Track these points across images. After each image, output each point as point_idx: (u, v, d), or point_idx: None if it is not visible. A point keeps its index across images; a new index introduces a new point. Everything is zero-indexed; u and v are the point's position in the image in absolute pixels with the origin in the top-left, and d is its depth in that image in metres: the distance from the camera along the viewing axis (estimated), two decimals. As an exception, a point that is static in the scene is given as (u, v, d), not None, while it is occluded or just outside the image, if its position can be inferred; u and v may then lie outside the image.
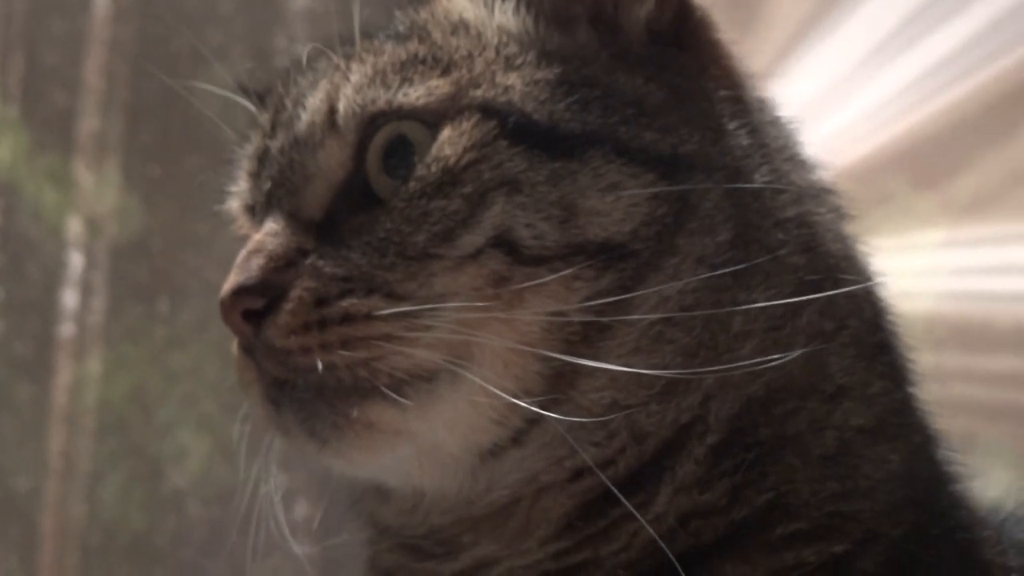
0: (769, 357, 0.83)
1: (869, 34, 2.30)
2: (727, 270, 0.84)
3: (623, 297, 0.81)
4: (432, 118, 0.86)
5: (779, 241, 0.87)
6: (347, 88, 0.88)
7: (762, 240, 0.87)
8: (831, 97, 2.33)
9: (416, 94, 0.86)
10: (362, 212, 0.85)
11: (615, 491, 0.81)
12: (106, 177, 3.27)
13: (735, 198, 0.86)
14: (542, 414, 0.81)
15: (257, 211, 0.91)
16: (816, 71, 2.44)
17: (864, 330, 0.90)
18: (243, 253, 0.85)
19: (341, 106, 0.88)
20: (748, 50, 1.00)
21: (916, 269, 2.03)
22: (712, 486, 0.84)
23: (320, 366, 0.79)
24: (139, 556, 3.10)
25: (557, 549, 0.86)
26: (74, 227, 3.23)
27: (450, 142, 0.84)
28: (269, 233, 0.86)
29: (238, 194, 0.98)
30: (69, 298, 3.20)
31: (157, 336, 3.20)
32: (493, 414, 0.83)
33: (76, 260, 3.22)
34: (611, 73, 0.88)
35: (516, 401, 0.81)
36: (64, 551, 3.08)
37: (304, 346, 0.81)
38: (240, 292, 0.83)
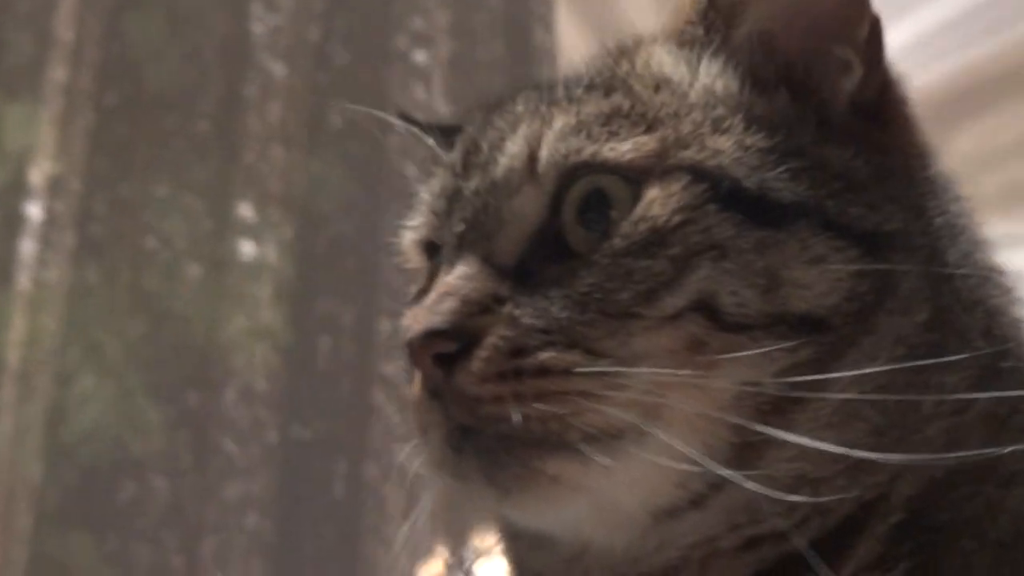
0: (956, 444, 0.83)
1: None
2: (921, 357, 0.83)
3: (820, 375, 0.80)
4: (635, 175, 0.85)
5: (966, 325, 0.87)
6: (549, 136, 0.87)
7: (954, 324, 0.86)
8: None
9: (623, 149, 0.85)
10: (557, 263, 0.85)
11: (805, 552, 0.80)
12: (71, 131, 3.24)
13: (931, 280, 0.86)
14: (727, 480, 0.79)
15: (445, 252, 0.90)
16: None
17: None
18: (434, 295, 0.84)
19: (543, 154, 0.87)
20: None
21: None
22: (891, 568, 0.83)
23: (516, 418, 0.79)
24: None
25: None
26: (36, 178, 3.19)
27: (659, 202, 0.83)
28: (463, 277, 0.84)
29: (415, 228, 0.97)
30: (27, 248, 3.17)
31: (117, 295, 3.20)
32: (676, 476, 0.81)
33: (35, 213, 3.19)
34: (819, 145, 0.87)
35: (701, 466, 0.79)
36: (13, 513, 3.06)
37: (497, 395, 0.80)
38: (432, 335, 0.81)
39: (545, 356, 0.80)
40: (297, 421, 3.24)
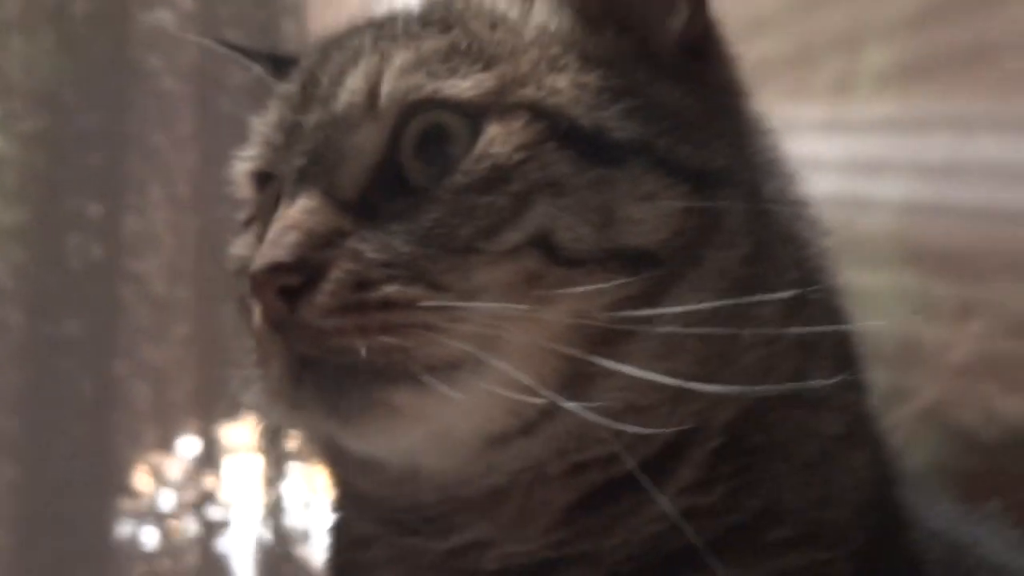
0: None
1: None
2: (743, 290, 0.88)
3: (649, 309, 0.84)
4: (475, 111, 0.87)
5: (782, 257, 0.92)
6: (389, 72, 0.89)
7: (772, 257, 0.91)
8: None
9: (464, 86, 0.87)
10: (397, 198, 0.87)
11: (639, 476, 0.84)
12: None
13: (752, 214, 0.91)
14: (557, 408, 0.83)
15: (285, 186, 0.91)
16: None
17: (835, 342, 0.95)
18: (275, 228, 0.86)
19: (384, 89, 0.88)
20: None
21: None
22: (711, 489, 0.88)
23: (364, 351, 0.81)
24: None
25: (556, 539, 0.89)
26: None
27: (500, 139, 0.85)
28: (305, 210, 0.86)
29: (249, 159, 0.99)
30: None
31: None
32: (510, 405, 0.84)
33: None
34: (651, 84, 0.90)
35: (537, 395, 0.83)
36: None
37: (341, 328, 0.82)
38: (276, 269, 0.83)
39: (390, 289, 0.82)
40: (45, 319, 3.19)
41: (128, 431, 3.05)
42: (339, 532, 1.04)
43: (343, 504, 1.02)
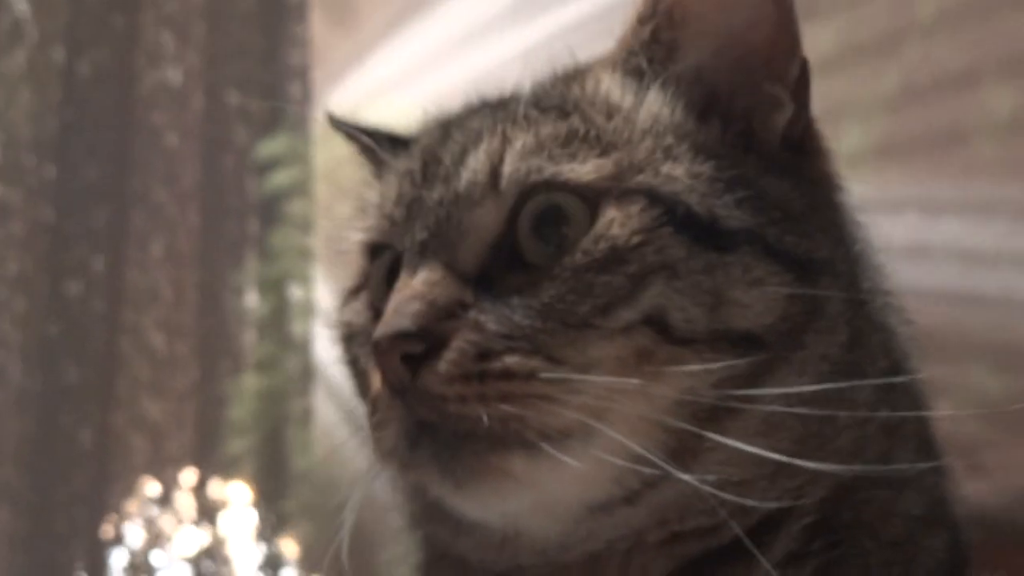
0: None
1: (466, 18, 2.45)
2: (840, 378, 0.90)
3: (754, 389, 0.87)
4: (592, 195, 0.90)
5: (874, 345, 0.95)
6: (511, 154, 0.92)
7: (865, 344, 0.94)
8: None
9: (583, 170, 0.91)
10: (516, 274, 0.90)
11: (745, 540, 0.87)
12: None
13: (850, 303, 0.93)
14: (661, 478, 0.86)
15: (407, 258, 0.93)
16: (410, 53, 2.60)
17: (916, 425, 0.98)
18: (399, 298, 0.89)
19: (505, 170, 0.92)
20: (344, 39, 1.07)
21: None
22: (803, 564, 0.90)
23: (485, 419, 0.84)
24: None
25: None
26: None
27: (619, 222, 0.88)
28: (428, 282, 0.89)
29: (365, 230, 1.02)
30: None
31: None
32: (616, 473, 0.87)
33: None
34: (760, 176, 0.94)
35: (644, 464, 0.85)
36: None
37: (462, 395, 0.85)
38: (400, 336, 0.85)
39: (511, 360, 0.85)
40: (45, 368, 3.23)
41: (125, 482, 3.08)
42: None
43: (433, 568, 1.04)
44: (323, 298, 2.84)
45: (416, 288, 0.89)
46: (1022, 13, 1.70)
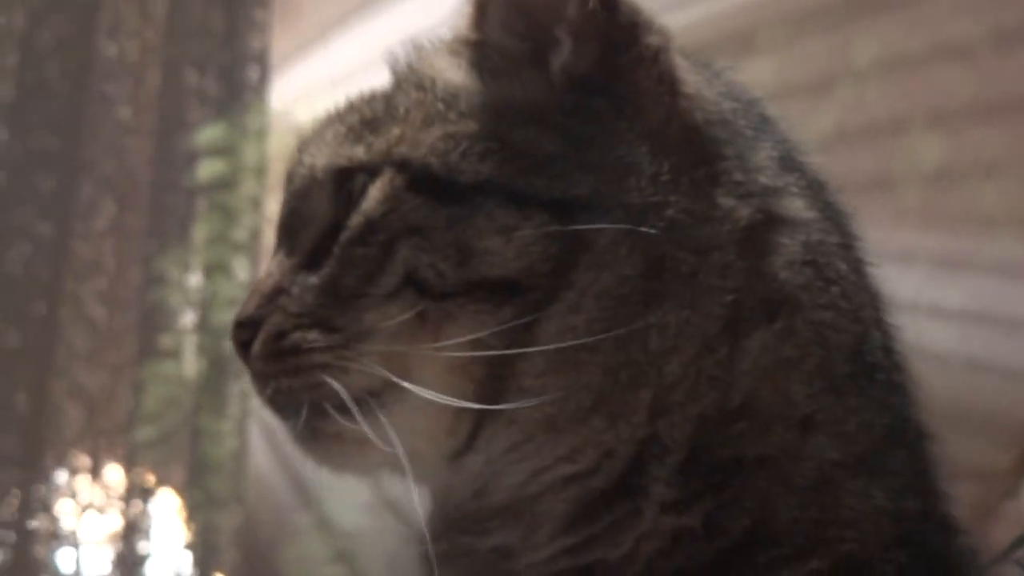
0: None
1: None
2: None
3: (528, 328, 0.90)
4: (368, 173, 0.95)
5: (701, 268, 0.93)
6: (323, 145, 0.99)
7: (676, 269, 0.92)
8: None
9: (359, 150, 0.97)
10: (329, 257, 0.96)
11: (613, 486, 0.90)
12: None
13: (639, 233, 0.92)
14: (485, 424, 0.90)
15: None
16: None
17: (837, 361, 0.94)
18: (251, 288, 0.98)
19: (319, 163, 0.98)
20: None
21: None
22: (689, 509, 0.90)
23: (269, 390, 0.93)
24: None
25: (564, 546, 0.92)
26: None
27: (371, 195, 0.94)
28: (268, 273, 0.97)
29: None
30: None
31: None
32: (441, 422, 0.92)
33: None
34: (512, 128, 0.96)
35: (454, 410, 0.90)
36: None
37: (271, 373, 0.93)
38: (237, 325, 0.96)
39: (295, 336, 0.93)
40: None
41: (57, 451, 3.09)
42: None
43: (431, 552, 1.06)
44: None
45: (259, 280, 0.98)
46: (952, 65, 1.75)
